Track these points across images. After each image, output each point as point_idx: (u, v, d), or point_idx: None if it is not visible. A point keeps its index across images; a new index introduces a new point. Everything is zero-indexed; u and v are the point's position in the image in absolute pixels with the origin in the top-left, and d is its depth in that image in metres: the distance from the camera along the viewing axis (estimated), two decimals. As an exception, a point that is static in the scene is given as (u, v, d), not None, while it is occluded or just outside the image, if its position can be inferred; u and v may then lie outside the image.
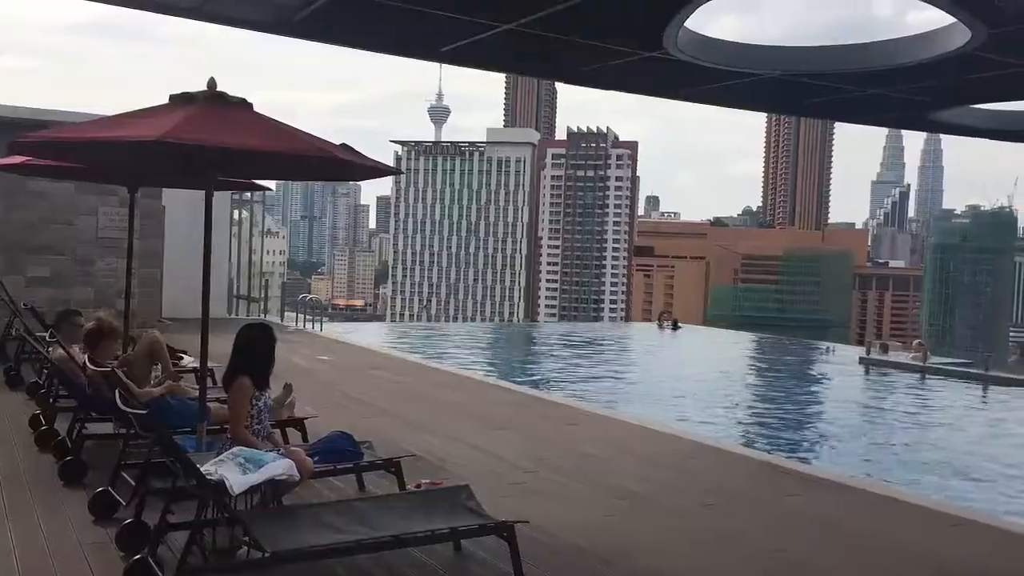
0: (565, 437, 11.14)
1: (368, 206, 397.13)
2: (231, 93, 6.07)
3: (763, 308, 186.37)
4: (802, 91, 15.60)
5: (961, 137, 21.51)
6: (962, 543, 8.20)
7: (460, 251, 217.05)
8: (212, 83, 6.06)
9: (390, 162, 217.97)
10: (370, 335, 32.72)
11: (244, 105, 6.12)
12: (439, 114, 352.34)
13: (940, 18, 12.08)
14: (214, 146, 5.72)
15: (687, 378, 24.73)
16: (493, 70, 16.90)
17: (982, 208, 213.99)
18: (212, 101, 5.93)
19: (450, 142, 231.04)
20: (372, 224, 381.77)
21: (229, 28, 13.58)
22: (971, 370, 28.31)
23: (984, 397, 24.51)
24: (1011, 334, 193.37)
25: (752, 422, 19.38)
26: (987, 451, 16.43)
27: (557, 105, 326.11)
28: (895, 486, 12.19)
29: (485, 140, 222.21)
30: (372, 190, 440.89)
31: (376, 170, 6.79)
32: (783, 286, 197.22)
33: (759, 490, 9.37)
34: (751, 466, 10.59)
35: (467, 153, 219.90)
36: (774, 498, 9.08)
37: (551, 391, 19.92)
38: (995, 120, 18.58)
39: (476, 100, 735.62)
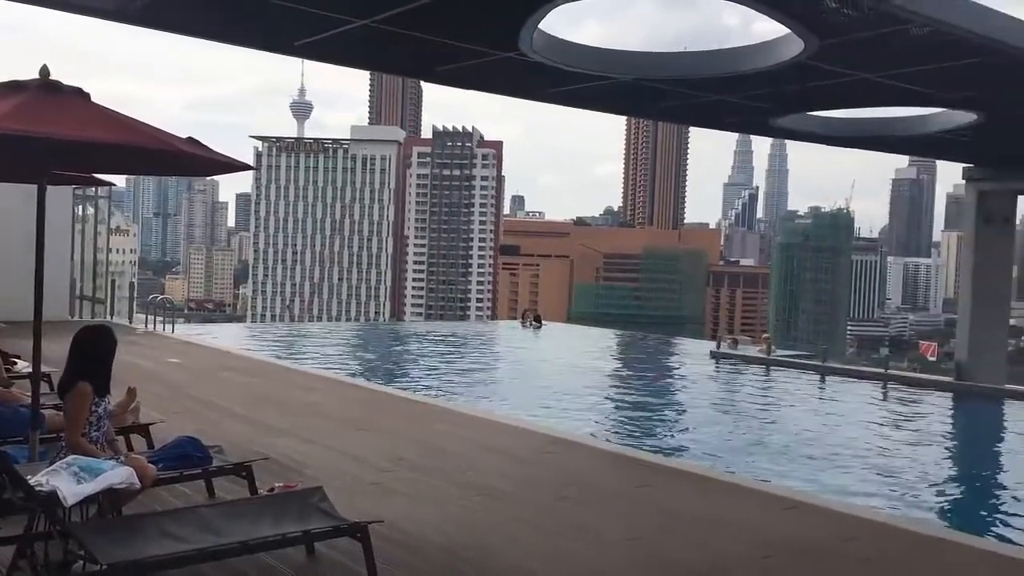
0: (424, 435, 11.13)
1: (227, 203, 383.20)
2: (66, 82, 5.75)
3: (624, 305, 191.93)
4: (653, 95, 16.21)
5: (802, 142, 22.87)
6: (795, 524, 8.73)
7: (324, 250, 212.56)
8: (45, 71, 5.71)
9: (249, 159, 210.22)
10: (226, 336, 31.62)
11: (79, 95, 5.79)
12: (301, 110, 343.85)
13: (780, 28, 12.79)
14: (42, 137, 5.40)
15: (548, 374, 25.19)
16: (351, 66, 16.70)
17: (823, 210, 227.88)
18: (44, 90, 5.59)
19: (313, 139, 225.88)
20: (231, 222, 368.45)
21: (72, 16, 12.88)
22: (810, 362, 30.07)
23: (821, 386, 26.10)
24: (848, 328, 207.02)
25: (609, 416, 19.95)
26: (821, 437, 17.53)
27: (423, 103, 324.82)
28: (739, 473, 12.82)
29: (349, 137, 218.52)
30: (231, 187, 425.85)
31: (226, 165, 6.57)
32: (643, 284, 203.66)
33: (615, 481, 9.65)
34: (607, 458, 10.88)
35: (331, 150, 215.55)
36: (629, 488, 9.37)
37: (412, 390, 19.85)
38: (828, 126, 19.90)
39: (340, 97, 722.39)
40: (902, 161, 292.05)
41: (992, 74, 14.24)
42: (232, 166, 6.82)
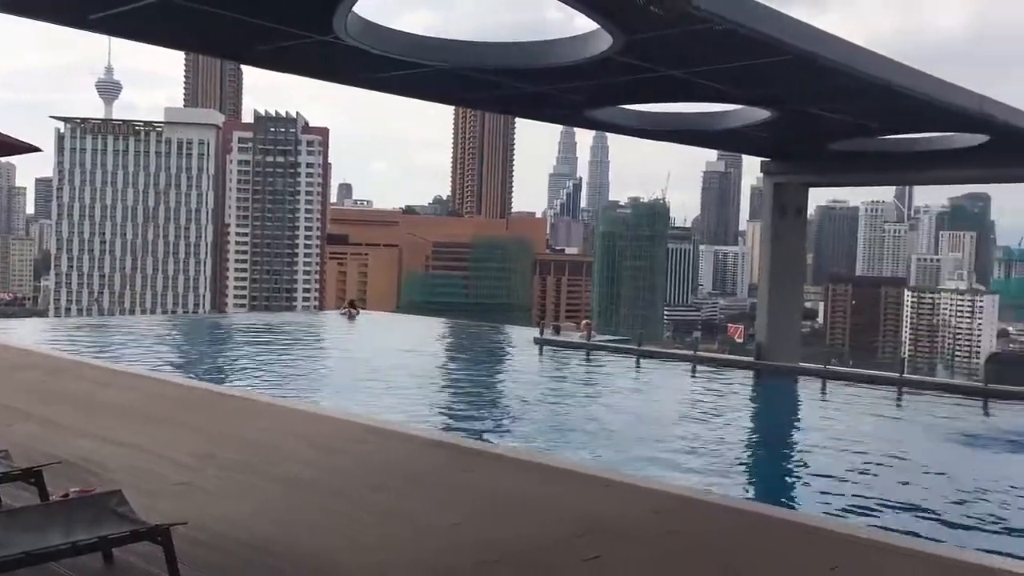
0: (237, 430, 10.78)
1: (25, 189, 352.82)
2: None
3: (454, 294, 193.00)
4: (471, 85, 16.33)
5: (620, 134, 23.76)
6: (610, 501, 9.12)
7: (136, 239, 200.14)
8: None
9: (49, 140, 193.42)
10: (24, 332, 29.28)
11: None
12: (109, 89, 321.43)
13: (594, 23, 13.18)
14: None
15: (369, 364, 24.95)
16: (157, 44, 15.74)
17: (642, 200, 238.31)
18: None
19: (123, 120, 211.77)
20: (30, 209, 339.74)
21: None
22: (627, 346, 31.40)
23: (637, 369, 27.32)
24: (665, 313, 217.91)
25: (431, 404, 20.04)
26: (635, 416, 18.39)
27: (243, 86, 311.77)
28: (558, 455, 13.23)
29: (163, 120, 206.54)
30: (30, 170, 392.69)
31: (9, 146, 6.07)
32: (472, 272, 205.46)
33: (434, 468, 9.70)
34: (426, 445, 10.93)
35: (143, 133, 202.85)
36: (448, 474, 9.45)
37: (225, 383, 19.14)
38: (640, 119, 20.77)
39: (153, 76, 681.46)
40: (712, 155, 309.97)
41: (784, 73, 15.34)
42: (16, 147, 6.30)
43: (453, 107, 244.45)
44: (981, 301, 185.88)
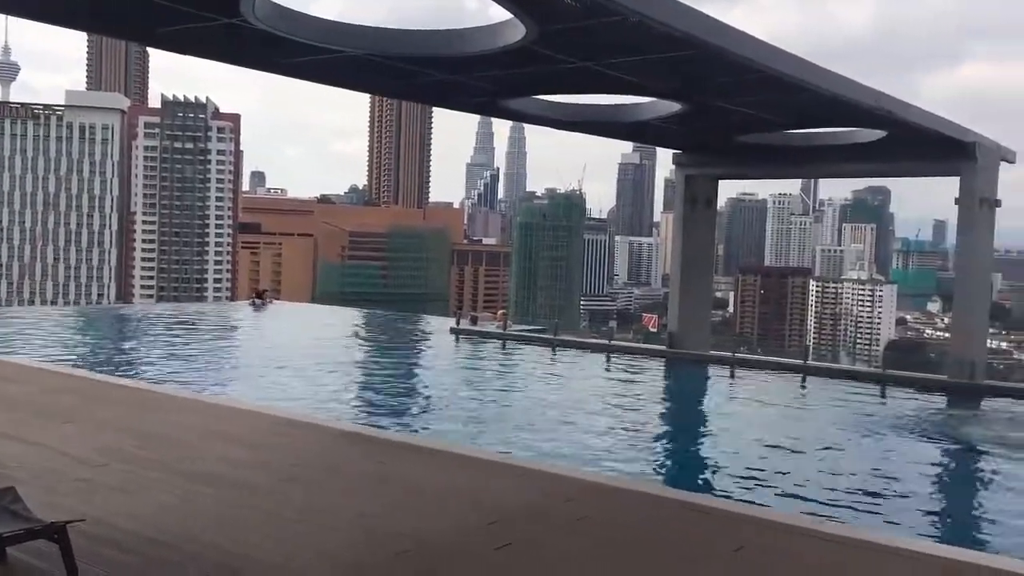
0: (144, 424, 10.46)
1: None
2: None
3: (371, 284, 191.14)
4: (384, 72, 16.16)
5: (538, 125, 23.87)
6: (523, 490, 9.21)
7: (36, 227, 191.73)
8: None
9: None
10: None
11: None
12: (6, 71, 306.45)
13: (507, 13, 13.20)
14: None
15: (282, 355, 24.53)
16: (52, 23, 15.02)
17: (558, 191, 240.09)
18: None
19: (20, 103, 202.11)
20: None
21: None
22: (543, 335, 31.66)
23: (552, 357, 27.59)
24: (582, 303, 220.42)
25: (346, 395, 19.82)
26: (550, 405, 18.56)
27: (149, 69, 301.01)
28: (472, 445, 13.28)
29: (64, 103, 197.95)
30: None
31: None
32: (389, 262, 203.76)
33: (348, 460, 9.62)
34: (342, 438, 10.83)
35: (42, 116, 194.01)
36: (363, 466, 9.39)
37: (131, 376, 18.55)
38: (554, 110, 20.93)
39: (53, 58, 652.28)
40: (627, 147, 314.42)
41: (693, 67, 15.69)
42: None
43: (369, 95, 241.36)
44: (881, 291, 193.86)
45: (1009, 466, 14.50)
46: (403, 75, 16.53)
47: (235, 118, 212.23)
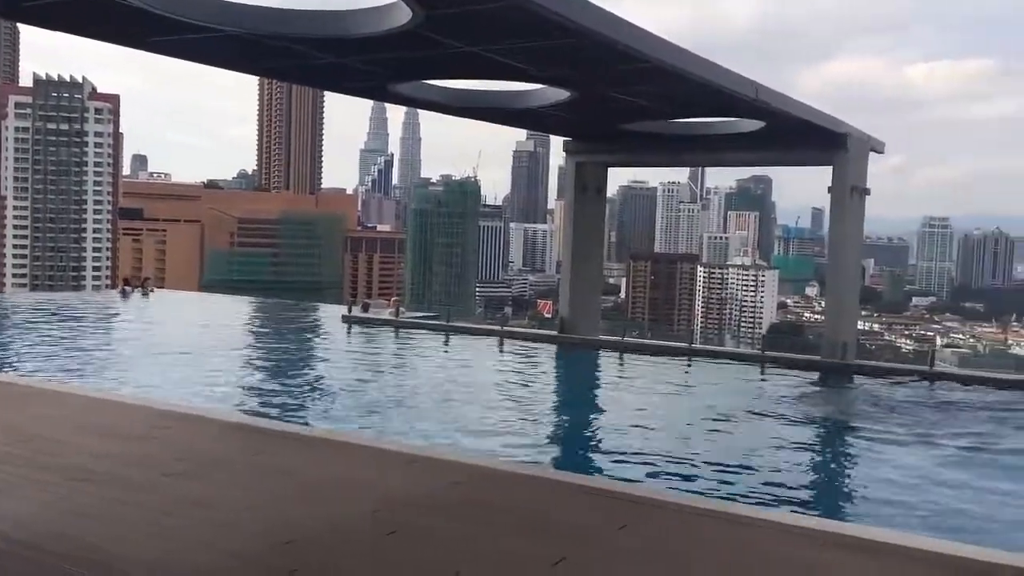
0: (11, 419, 9.91)
1: None
2: None
3: (260, 272, 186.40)
4: (269, 53, 15.71)
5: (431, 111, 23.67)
6: (411, 476, 9.17)
7: None
8: None
9: None
10: None
11: None
12: None
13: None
14: None
15: (164, 345, 23.66)
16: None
17: (453, 178, 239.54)
18: None
19: None
20: None
21: None
22: (436, 322, 31.59)
23: (446, 344, 27.56)
24: (477, 289, 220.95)
25: (231, 385, 19.28)
26: (441, 391, 18.55)
27: (20, 46, 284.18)
28: (360, 432, 13.14)
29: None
30: None
31: None
32: (280, 249, 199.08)
33: (232, 452, 9.38)
34: (225, 429, 10.55)
35: None
36: (247, 457, 9.16)
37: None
38: (444, 95, 20.82)
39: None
40: (522, 134, 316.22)
41: (581, 55, 15.87)
42: None
43: (258, 77, 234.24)
44: (763, 276, 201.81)
45: (858, 439, 15.38)
46: (288, 57, 16.11)
47: (114, 99, 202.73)
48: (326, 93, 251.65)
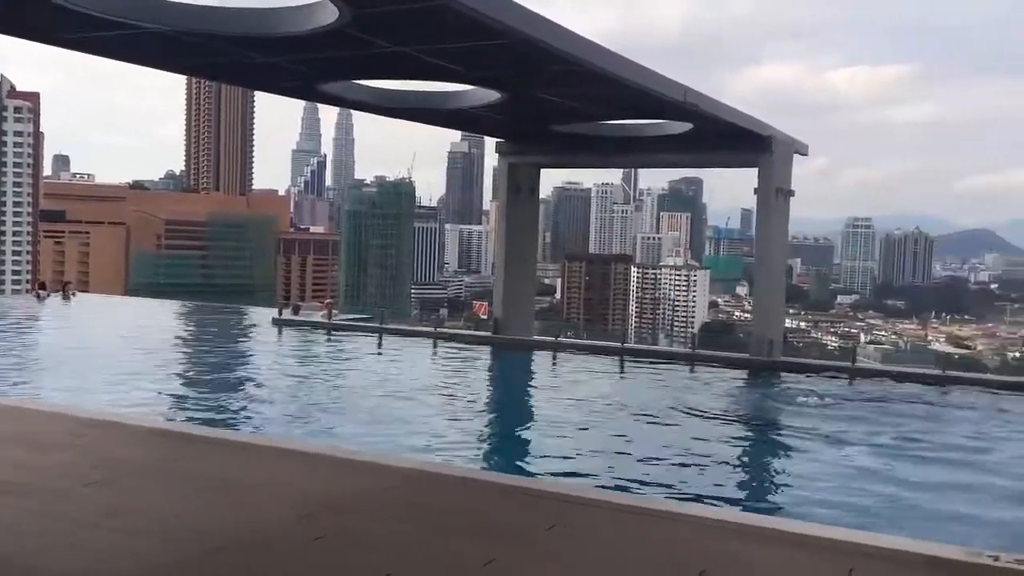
0: (-91, 430, 9.49)
1: None
2: None
3: (189, 275, 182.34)
4: (192, 51, 15.38)
5: (364, 112, 23.44)
6: (341, 480, 9.04)
7: None
8: None
9: None
10: None
11: None
12: None
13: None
14: None
15: (85, 351, 22.92)
16: None
17: (388, 179, 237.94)
18: None
19: None
20: None
21: None
22: (370, 324, 31.33)
23: (379, 346, 27.35)
24: (412, 291, 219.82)
25: (157, 391, 18.77)
26: (373, 392, 18.38)
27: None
28: (290, 437, 12.96)
29: None
30: None
31: None
32: (210, 252, 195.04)
33: (154, 459, 9.15)
34: (147, 436, 10.29)
35: None
36: (174, 465, 8.95)
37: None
38: (376, 95, 20.65)
39: None
40: (456, 135, 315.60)
41: (509, 56, 15.91)
42: None
43: (185, 76, 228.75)
44: (695, 276, 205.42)
45: (781, 434, 15.77)
46: (213, 55, 15.77)
47: (34, 97, 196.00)
48: (256, 92, 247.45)
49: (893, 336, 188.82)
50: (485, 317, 71.94)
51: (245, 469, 9.34)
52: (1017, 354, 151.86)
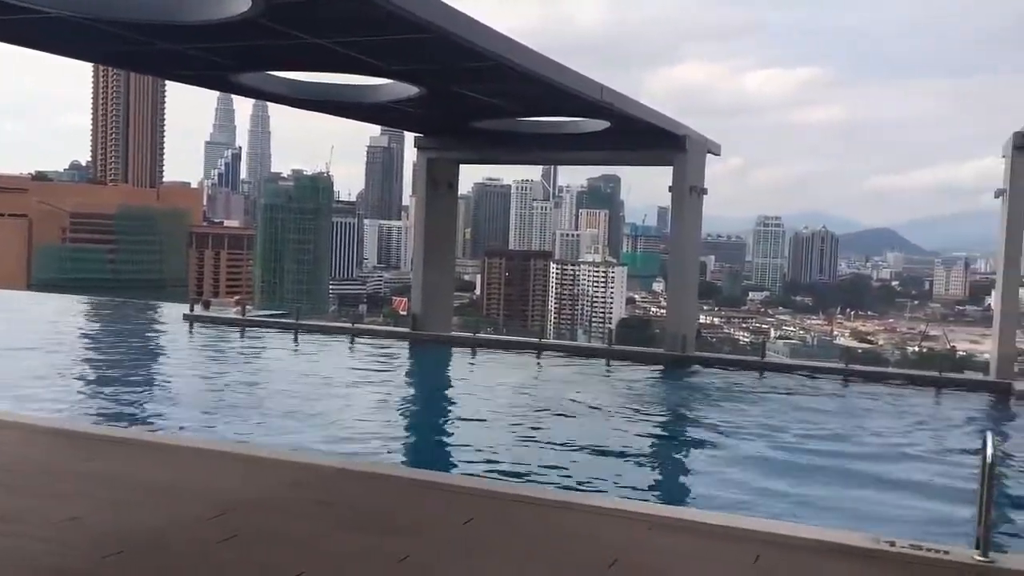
0: None
1: None
2: None
3: (97, 269, 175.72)
4: (99, 37, 14.83)
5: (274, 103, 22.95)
6: (251, 478, 8.91)
7: None
8: None
9: None
10: None
11: None
12: None
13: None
14: None
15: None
16: None
17: (305, 173, 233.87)
18: None
19: None
20: None
21: None
22: (285, 320, 30.78)
23: (294, 343, 26.90)
24: (331, 287, 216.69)
25: (58, 389, 18.05)
26: (285, 390, 18.06)
27: None
28: (196, 436, 12.66)
29: None
30: None
31: None
32: (118, 245, 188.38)
33: (56, 460, 8.85)
34: (48, 436, 9.94)
35: None
36: (72, 465, 8.68)
37: None
38: (293, 88, 20.29)
39: None
40: (376, 129, 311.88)
41: (426, 51, 15.84)
42: None
43: (92, 64, 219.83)
44: (613, 272, 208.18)
45: (690, 427, 16.19)
46: (121, 43, 15.23)
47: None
48: (168, 82, 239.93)
49: (801, 331, 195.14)
50: (405, 313, 71.46)
51: (151, 469, 9.11)
52: (916, 348, 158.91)
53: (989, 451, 7.24)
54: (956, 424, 17.12)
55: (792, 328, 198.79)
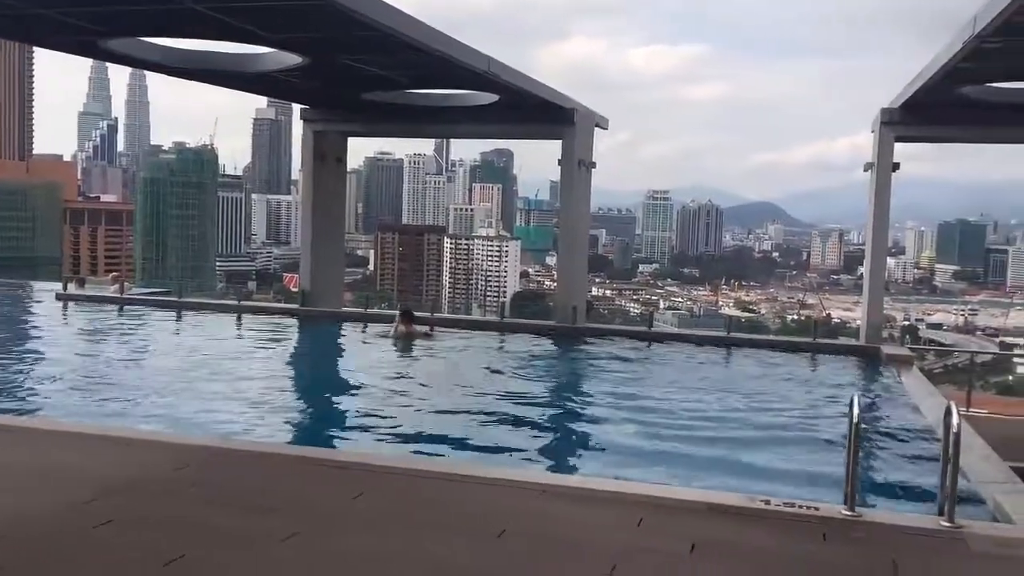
0: None
1: None
2: None
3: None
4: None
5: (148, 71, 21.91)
6: (129, 461, 8.71)
7: None
8: None
9: None
10: None
11: None
12: None
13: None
14: None
15: None
16: None
17: (188, 145, 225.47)
18: None
19: None
20: None
21: None
22: (166, 298, 29.69)
23: (177, 321, 26.01)
24: (218, 263, 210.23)
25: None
26: (163, 371, 17.46)
27: None
28: (68, 419, 12.19)
29: None
30: None
31: None
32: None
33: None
34: None
35: None
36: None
37: None
38: (168, 56, 19.40)
39: None
40: (262, 101, 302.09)
41: (306, 19, 15.42)
42: None
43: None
44: (507, 246, 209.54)
45: (578, 396, 16.53)
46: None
47: None
48: (37, 49, 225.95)
49: (689, 302, 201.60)
50: (296, 290, 70.26)
51: (21, 455, 8.81)
52: (794, 316, 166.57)
53: (855, 412, 7.67)
54: (829, 386, 18.03)
55: (680, 299, 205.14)
